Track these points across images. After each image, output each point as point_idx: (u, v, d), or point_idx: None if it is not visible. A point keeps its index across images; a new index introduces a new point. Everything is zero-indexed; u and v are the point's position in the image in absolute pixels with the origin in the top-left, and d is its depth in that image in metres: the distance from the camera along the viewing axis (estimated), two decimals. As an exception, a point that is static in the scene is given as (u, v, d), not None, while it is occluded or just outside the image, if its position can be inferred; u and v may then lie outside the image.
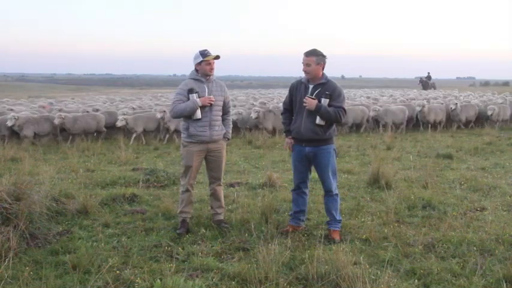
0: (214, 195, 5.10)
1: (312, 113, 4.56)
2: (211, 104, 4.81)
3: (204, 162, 5.07)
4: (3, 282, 3.53)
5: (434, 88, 36.24)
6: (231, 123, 5.18)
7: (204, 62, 4.81)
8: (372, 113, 13.72)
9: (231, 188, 6.78)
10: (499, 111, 14.43)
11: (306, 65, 4.59)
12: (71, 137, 11.70)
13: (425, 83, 37.79)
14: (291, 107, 4.85)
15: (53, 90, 52.88)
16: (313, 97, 4.55)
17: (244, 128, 12.77)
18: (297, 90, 4.75)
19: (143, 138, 12.01)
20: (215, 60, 4.89)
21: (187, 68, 4.96)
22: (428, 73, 38.87)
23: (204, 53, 4.81)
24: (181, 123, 5.04)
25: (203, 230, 4.85)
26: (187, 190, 4.97)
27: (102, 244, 4.45)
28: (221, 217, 5.10)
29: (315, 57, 4.59)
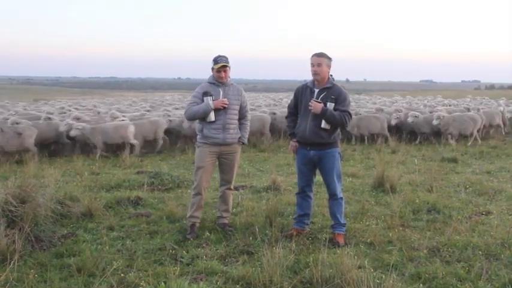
0: (222, 198, 5.10)
1: (317, 116, 4.55)
2: (224, 107, 4.83)
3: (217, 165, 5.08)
4: (8, 284, 3.54)
5: None
6: (248, 127, 5.16)
7: (214, 69, 4.87)
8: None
9: (236, 191, 6.77)
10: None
11: (317, 64, 4.57)
12: None
13: None
14: (296, 111, 4.85)
15: (58, 93, 53.13)
16: (319, 101, 4.55)
17: None
18: (302, 94, 4.75)
19: None
20: (228, 67, 4.86)
21: (191, 71, 5.03)
22: (331, 75, 36.64)
23: (215, 60, 4.86)
24: (196, 125, 5.13)
25: (207, 233, 4.84)
26: (198, 193, 4.95)
27: (107, 247, 4.46)
28: (226, 221, 5.09)
29: (325, 58, 4.61)
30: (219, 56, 4.87)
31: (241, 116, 5.05)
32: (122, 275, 3.82)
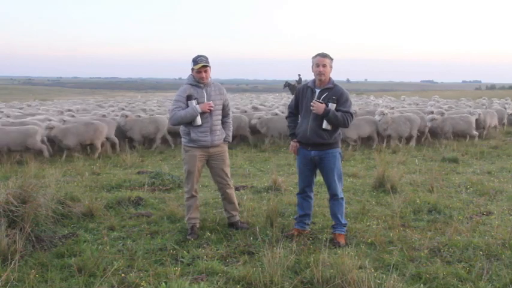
0: (226, 199, 5.07)
1: (319, 117, 4.55)
2: (211, 110, 4.76)
3: (208, 169, 5.06)
4: (9, 284, 3.55)
5: None
6: (231, 126, 5.13)
7: (194, 69, 4.74)
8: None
9: (236, 191, 6.77)
10: (268, 123, 11.88)
11: (323, 66, 4.55)
12: None
13: (293, 87, 33.93)
14: (297, 111, 4.85)
15: (59, 93, 53.21)
16: (320, 101, 4.54)
17: None
18: (303, 94, 4.74)
19: None
20: (210, 67, 4.75)
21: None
22: (299, 75, 34.37)
23: (195, 60, 4.72)
24: (181, 128, 4.99)
25: (208, 234, 4.85)
26: (192, 196, 4.95)
27: (108, 247, 4.47)
28: (236, 219, 5.08)
29: (329, 59, 4.60)
30: (199, 56, 4.73)
31: (224, 115, 5.00)
32: (123, 275, 3.82)
